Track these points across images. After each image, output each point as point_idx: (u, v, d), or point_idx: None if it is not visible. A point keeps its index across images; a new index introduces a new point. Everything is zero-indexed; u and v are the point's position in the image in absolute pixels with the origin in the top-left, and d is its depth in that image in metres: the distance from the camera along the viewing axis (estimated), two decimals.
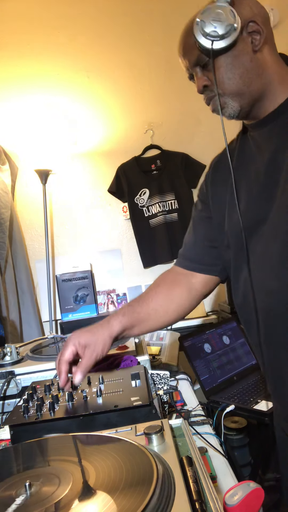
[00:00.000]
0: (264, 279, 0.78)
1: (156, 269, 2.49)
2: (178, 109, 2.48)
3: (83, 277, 2.42)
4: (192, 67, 0.81)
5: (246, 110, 0.81)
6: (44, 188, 2.33)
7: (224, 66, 0.77)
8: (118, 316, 0.91)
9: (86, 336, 0.86)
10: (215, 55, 0.76)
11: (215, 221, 0.93)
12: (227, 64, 0.77)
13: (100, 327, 0.89)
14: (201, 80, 0.81)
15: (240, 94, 0.78)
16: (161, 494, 0.46)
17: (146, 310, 0.95)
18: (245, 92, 0.78)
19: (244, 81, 0.77)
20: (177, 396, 1.03)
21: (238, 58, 0.76)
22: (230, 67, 0.77)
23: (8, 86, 2.39)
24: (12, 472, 0.58)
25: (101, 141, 2.50)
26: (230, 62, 0.76)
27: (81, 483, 0.50)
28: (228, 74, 0.77)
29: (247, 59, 0.77)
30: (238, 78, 0.77)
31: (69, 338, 0.86)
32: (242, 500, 0.51)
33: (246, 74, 0.77)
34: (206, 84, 0.80)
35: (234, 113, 0.80)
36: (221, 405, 1.16)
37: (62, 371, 0.83)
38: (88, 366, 0.84)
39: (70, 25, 2.39)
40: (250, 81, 0.77)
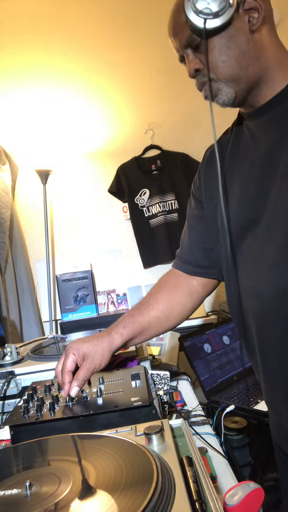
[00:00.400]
0: (258, 284, 0.72)
1: (156, 269, 2.50)
2: (178, 109, 2.48)
3: (83, 277, 2.42)
4: (183, 48, 0.73)
5: (241, 98, 0.73)
6: (44, 188, 2.33)
7: (218, 48, 0.69)
8: (119, 329, 0.89)
9: (86, 347, 0.84)
10: (208, 35, 0.68)
11: (208, 219, 0.88)
12: (221, 46, 0.69)
13: (101, 339, 0.87)
14: (192, 63, 0.73)
15: (236, 79, 0.71)
16: (161, 494, 0.46)
17: (148, 318, 0.92)
18: (241, 77, 0.70)
19: (240, 64, 0.69)
20: (177, 396, 1.03)
21: (233, 38, 0.68)
22: (225, 49, 0.69)
23: (8, 86, 2.40)
24: (12, 472, 0.58)
25: (101, 141, 2.50)
26: (224, 44, 0.68)
27: (81, 483, 0.50)
28: (222, 56, 0.69)
29: (244, 40, 0.69)
30: (233, 62, 0.69)
31: (69, 346, 0.85)
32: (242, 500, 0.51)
33: (243, 57, 0.69)
34: (198, 67, 0.73)
35: (228, 100, 0.73)
36: (221, 405, 1.16)
37: (65, 382, 0.81)
38: (85, 378, 0.82)
39: (70, 25, 2.40)
40: (246, 65, 0.70)
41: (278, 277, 0.68)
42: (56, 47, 2.40)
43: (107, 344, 0.86)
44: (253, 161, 0.75)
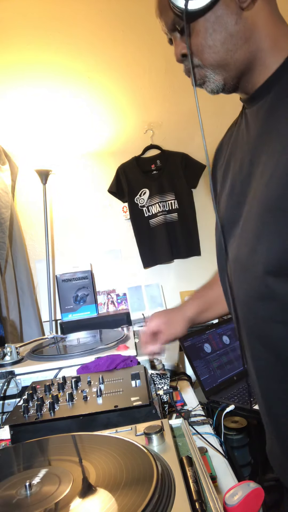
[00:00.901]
0: (238, 288, 0.70)
1: (156, 269, 2.50)
2: (178, 109, 2.48)
3: (83, 277, 2.42)
4: (169, 31, 0.68)
5: (231, 84, 0.68)
6: (44, 188, 2.34)
7: (204, 31, 0.62)
8: (193, 301, 0.99)
9: (165, 316, 0.97)
10: (191, 17, 0.62)
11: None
12: (206, 28, 0.62)
13: (176, 310, 0.99)
14: (179, 47, 0.67)
15: (223, 65, 0.64)
16: (161, 494, 0.46)
17: (214, 295, 0.97)
18: (228, 62, 0.64)
19: (227, 48, 0.63)
20: (177, 396, 1.03)
21: (220, 19, 0.61)
22: (211, 32, 0.62)
23: (8, 86, 2.40)
24: (13, 472, 0.58)
25: (101, 141, 2.50)
26: (210, 26, 0.62)
27: (81, 483, 0.50)
28: (208, 40, 0.63)
29: (231, 21, 0.61)
30: (219, 46, 0.63)
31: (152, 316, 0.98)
32: (242, 500, 0.51)
33: (230, 40, 0.62)
34: (185, 52, 0.66)
35: (217, 88, 0.68)
36: (221, 405, 1.16)
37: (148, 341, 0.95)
38: (166, 339, 0.95)
39: (70, 25, 2.40)
40: (234, 49, 0.63)
41: (247, 284, 0.67)
42: (56, 46, 2.40)
43: (181, 313, 0.98)
44: (244, 155, 0.71)
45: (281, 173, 0.58)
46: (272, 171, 0.60)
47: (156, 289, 2.46)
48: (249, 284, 0.66)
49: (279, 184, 0.58)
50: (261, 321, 0.66)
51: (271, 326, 0.64)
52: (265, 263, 0.61)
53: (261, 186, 0.63)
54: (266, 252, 0.61)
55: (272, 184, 0.60)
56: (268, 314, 0.64)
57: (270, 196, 0.60)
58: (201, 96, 0.79)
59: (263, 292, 0.63)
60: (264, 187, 0.62)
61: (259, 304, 0.64)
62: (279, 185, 0.58)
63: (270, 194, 0.60)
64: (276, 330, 0.63)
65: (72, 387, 0.85)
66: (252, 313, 0.67)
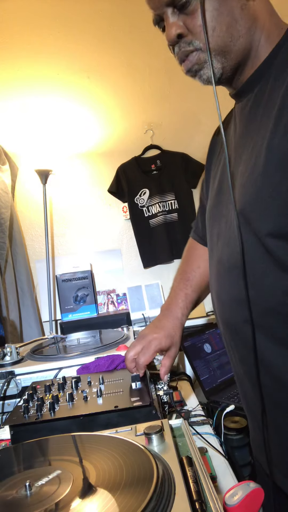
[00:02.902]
0: (221, 289, 0.70)
1: (156, 269, 2.50)
2: (178, 109, 2.48)
3: (83, 277, 2.42)
4: (163, 6, 0.61)
5: (228, 75, 0.64)
6: (44, 188, 2.34)
7: (210, 12, 0.58)
8: (184, 311, 0.92)
9: (167, 341, 0.86)
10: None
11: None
12: (213, 9, 0.58)
13: (174, 326, 0.88)
14: (175, 27, 0.60)
15: (225, 52, 0.60)
16: (161, 494, 0.46)
17: (199, 294, 0.96)
18: (230, 49, 0.60)
19: (232, 34, 0.59)
20: (177, 396, 1.03)
21: (226, 2, 0.58)
22: (217, 14, 0.58)
23: (8, 87, 2.40)
24: (13, 472, 0.58)
25: (101, 141, 2.50)
26: (217, 7, 0.57)
27: (81, 483, 0.51)
28: (213, 22, 0.58)
29: (237, 6, 0.58)
30: (224, 30, 0.58)
31: (150, 341, 0.84)
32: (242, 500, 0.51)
33: (235, 25, 0.59)
34: (181, 32, 0.61)
35: (213, 76, 0.62)
36: (221, 405, 1.16)
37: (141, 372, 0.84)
38: (171, 364, 0.87)
39: (70, 25, 2.40)
40: (238, 36, 0.59)
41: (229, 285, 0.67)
42: (56, 47, 2.40)
43: (180, 329, 0.89)
44: (231, 153, 0.69)
45: (255, 177, 0.58)
46: (249, 174, 0.60)
47: (156, 289, 2.46)
48: (232, 285, 0.66)
49: (252, 188, 0.58)
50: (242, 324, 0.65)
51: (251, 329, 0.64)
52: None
53: (239, 188, 0.63)
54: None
55: (247, 186, 0.60)
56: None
57: (244, 200, 0.60)
58: (202, 96, 0.78)
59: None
60: (242, 189, 0.62)
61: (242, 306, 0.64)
62: (253, 188, 0.58)
63: (245, 198, 0.60)
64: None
65: (72, 387, 0.85)
66: (234, 315, 0.67)
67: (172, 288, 0.96)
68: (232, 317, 0.68)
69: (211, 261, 0.76)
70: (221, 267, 0.69)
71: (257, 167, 0.58)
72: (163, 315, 0.91)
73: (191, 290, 0.94)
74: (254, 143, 0.61)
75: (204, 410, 0.99)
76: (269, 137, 0.56)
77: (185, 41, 0.62)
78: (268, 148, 0.56)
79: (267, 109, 0.58)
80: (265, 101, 0.60)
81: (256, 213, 0.57)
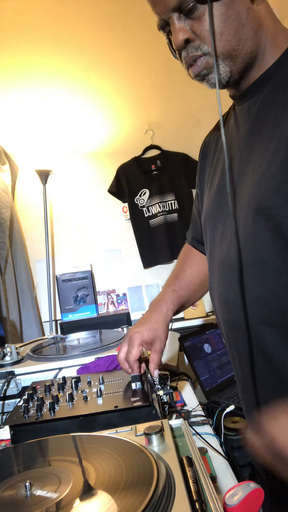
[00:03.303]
0: (226, 289, 0.69)
1: (156, 269, 2.50)
2: (178, 109, 2.48)
3: (83, 277, 2.42)
4: (168, 11, 0.60)
5: (235, 79, 0.64)
6: (44, 188, 2.34)
7: (218, 16, 0.58)
8: (169, 305, 0.91)
9: (150, 334, 0.85)
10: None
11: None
12: (220, 14, 0.58)
13: (157, 320, 0.88)
14: (182, 32, 0.60)
15: (233, 56, 0.60)
16: (161, 494, 0.46)
17: (188, 292, 0.95)
18: (239, 53, 0.60)
19: (239, 38, 0.59)
20: (177, 397, 1.03)
21: (233, 6, 0.58)
22: (224, 19, 0.58)
23: (8, 86, 2.40)
24: (13, 472, 0.58)
25: (101, 141, 2.50)
26: (224, 12, 0.58)
27: (81, 483, 0.50)
28: (221, 26, 0.58)
29: (244, 10, 0.59)
30: (232, 34, 0.59)
31: (132, 337, 0.85)
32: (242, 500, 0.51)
33: (242, 29, 0.59)
34: (189, 37, 0.60)
35: (221, 80, 0.62)
36: (221, 406, 1.16)
37: (135, 369, 0.84)
38: (159, 359, 0.85)
39: (70, 25, 2.40)
40: (245, 39, 0.60)
41: (237, 286, 0.67)
42: (56, 47, 2.40)
43: (164, 321, 0.88)
44: (234, 153, 0.69)
45: (273, 172, 0.58)
46: (264, 170, 0.60)
47: (156, 289, 2.46)
48: (240, 285, 0.65)
49: (271, 183, 0.58)
50: (253, 323, 0.65)
51: (263, 329, 0.63)
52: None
53: (252, 185, 0.62)
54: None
55: (263, 183, 0.59)
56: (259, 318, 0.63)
57: (260, 196, 0.59)
58: (202, 96, 0.79)
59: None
60: (256, 185, 0.61)
61: (253, 306, 0.64)
62: (272, 183, 0.58)
63: (261, 194, 0.59)
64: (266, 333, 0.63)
65: (72, 388, 0.85)
66: (243, 316, 0.66)
67: (163, 287, 0.97)
68: (240, 317, 0.66)
69: (212, 262, 0.76)
70: (226, 266, 0.68)
71: (275, 162, 0.58)
72: (148, 311, 0.91)
73: (179, 287, 0.94)
74: (268, 140, 0.60)
75: (204, 410, 0.99)
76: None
77: (192, 46, 0.61)
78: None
79: (282, 109, 0.59)
80: (279, 101, 0.60)
81: (277, 208, 0.57)
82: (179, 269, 0.98)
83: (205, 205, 0.79)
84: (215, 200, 0.74)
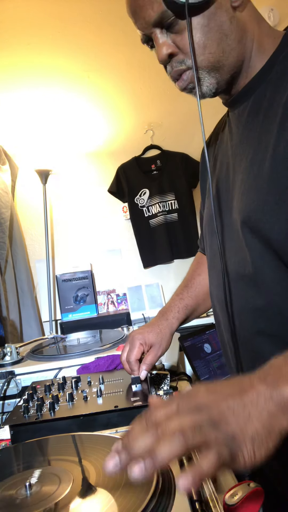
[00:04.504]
0: (223, 299, 0.68)
1: (156, 269, 2.50)
2: (178, 109, 2.48)
3: (83, 277, 2.42)
4: (149, 27, 0.60)
5: (223, 88, 0.64)
6: (44, 188, 2.34)
7: (199, 29, 0.57)
8: (174, 314, 0.92)
9: (151, 336, 0.86)
10: (191, 13, 0.56)
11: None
12: (202, 26, 0.57)
13: (162, 326, 0.89)
14: (165, 47, 0.60)
15: (218, 67, 0.60)
16: (161, 494, 0.46)
17: (197, 301, 0.95)
18: (223, 64, 0.60)
19: (223, 49, 0.59)
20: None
21: (215, 17, 0.57)
22: (206, 31, 0.57)
23: (8, 86, 2.40)
24: (13, 472, 0.58)
25: (101, 141, 2.50)
26: (206, 24, 0.57)
27: (81, 483, 0.51)
28: (203, 40, 0.58)
29: (226, 20, 0.57)
30: (215, 46, 0.58)
31: (134, 337, 0.86)
32: (242, 500, 0.51)
33: (225, 40, 0.58)
34: (172, 52, 0.61)
35: (209, 92, 0.63)
36: None
37: (135, 369, 0.84)
38: (153, 362, 0.85)
39: (70, 25, 2.40)
40: (229, 50, 0.59)
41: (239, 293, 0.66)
42: (56, 46, 2.40)
43: (168, 329, 0.89)
44: (228, 161, 0.69)
45: (260, 184, 0.57)
46: (251, 181, 0.59)
47: (156, 289, 2.46)
48: (240, 295, 0.65)
49: (258, 195, 0.58)
50: (251, 333, 0.64)
51: (261, 340, 0.63)
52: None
53: (240, 197, 0.62)
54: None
55: (250, 195, 0.59)
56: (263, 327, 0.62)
57: (248, 208, 0.59)
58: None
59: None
60: (243, 197, 0.61)
61: (253, 317, 0.63)
62: (258, 196, 0.58)
63: (248, 206, 0.59)
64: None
65: (72, 387, 0.85)
66: (244, 326, 0.66)
67: (172, 295, 0.98)
68: (243, 328, 0.66)
69: (212, 271, 0.76)
70: (227, 277, 0.68)
71: (261, 174, 0.57)
72: (155, 317, 0.93)
73: (187, 295, 0.94)
74: (254, 150, 0.60)
75: None
76: (274, 144, 0.56)
77: (176, 60, 0.62)
78: (274, 155, 0.56)
79: (268, 117, 0.59)
80: (265, 108, 0.60)
81: (263, 221, 0.57)
82: (188, 278, 0.98)
83: (205, 212, 0.80)
84: (215, 208, 0.74)
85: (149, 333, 0.87)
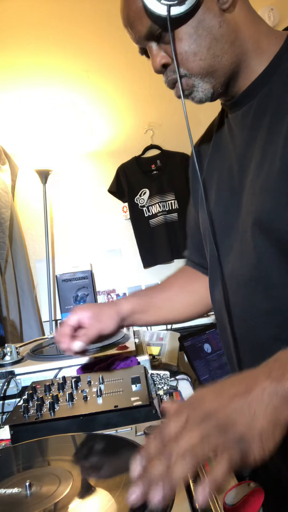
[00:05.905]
0: (236, 303, 0.66)
1: (156, 269, 2.50)
2: (178, 109, 2.47)
3: (83, 277, 2.42)
4: (143, 40, 0.62)
5: (220, 92, 0.64)
6: (44, 188, 2.33)
7: (187, 38, 0.58)
8: (127, 297, 0.87)
9: (92, 308, 0.81)
10: (174, 25, 0.57)
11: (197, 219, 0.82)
12: (190, 35, 0.58)
13: (109, 304, 0.84)
14: (158, 58, 0.62)
15: (211, 72, 0.60)
16: None
17: (161, 297, 0.89)
18: (216, 69, 0.60)
19: (214, 54, 0.59)
20: (177, 396, 1.03)
21: (203, 24, 0.57)
22: (195, 38, 0.58)
23: (8, 86, 2.40)
24: (12, 472, 0.58)
25: (101, 141, 2.50)
26: (194, 32, 0.58)
27: (81, 483, 0.50)
28: (192, 47, 0.58)
29: (215, 24, 0.57)
30: (205, 52, 0.59)
31: (74, 308, 0.82)
32: (242, 500, 0.51)
33: (216, 44, 0.58)
34: (165, 62, 0.62)
35: (206, 97, 0.64)
36: None
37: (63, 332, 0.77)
38: (91, 335, 0.78)
39: (70, 25, 2.40)
40: (221, 53, 0.59)
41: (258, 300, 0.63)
42: (56, 46, 2.40)
43: (114, 307, 0.83)
44: (231, 162, 0.68)
45: (271, 186, 0.57)
46: (262, 183, 0.59)
47: None
48: (248, 299, 0.63)
49: (269, 197, 0.57)
50: (262, 339, 0.63)
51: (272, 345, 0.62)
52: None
53: (250, 199, 0.61)
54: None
55: (261, 196, 0.58)
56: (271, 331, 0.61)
57: (259, 210, 0.59)
58: None
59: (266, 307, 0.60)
60: (254, 199, 0.60)
61: (262, 321, 0.62)
62: (270, 197, 0.57)
63: (260, 208, 0.58)
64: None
65: (72, 387, 0.85)
66: (253, 330, 0.64)
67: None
68: (253, 334, 0.64)
69: (214, 276, 0.73)
70: (232, 281, 0.67)
71: (272, 175, 0.57)
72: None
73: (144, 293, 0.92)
74: (262, 151, 0.60)
75: None
76: (284, 144, 0.55)
77: (170, 69, 0.63)
78: (285, 154, 0.55)
79: (277, 117, 0.58)
80: (273, 109, 0.59)
81: (276, 221, 0.56)
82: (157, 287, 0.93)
83: (201, 216, 0.77)
84: (216, 211, 0.72)
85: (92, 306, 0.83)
